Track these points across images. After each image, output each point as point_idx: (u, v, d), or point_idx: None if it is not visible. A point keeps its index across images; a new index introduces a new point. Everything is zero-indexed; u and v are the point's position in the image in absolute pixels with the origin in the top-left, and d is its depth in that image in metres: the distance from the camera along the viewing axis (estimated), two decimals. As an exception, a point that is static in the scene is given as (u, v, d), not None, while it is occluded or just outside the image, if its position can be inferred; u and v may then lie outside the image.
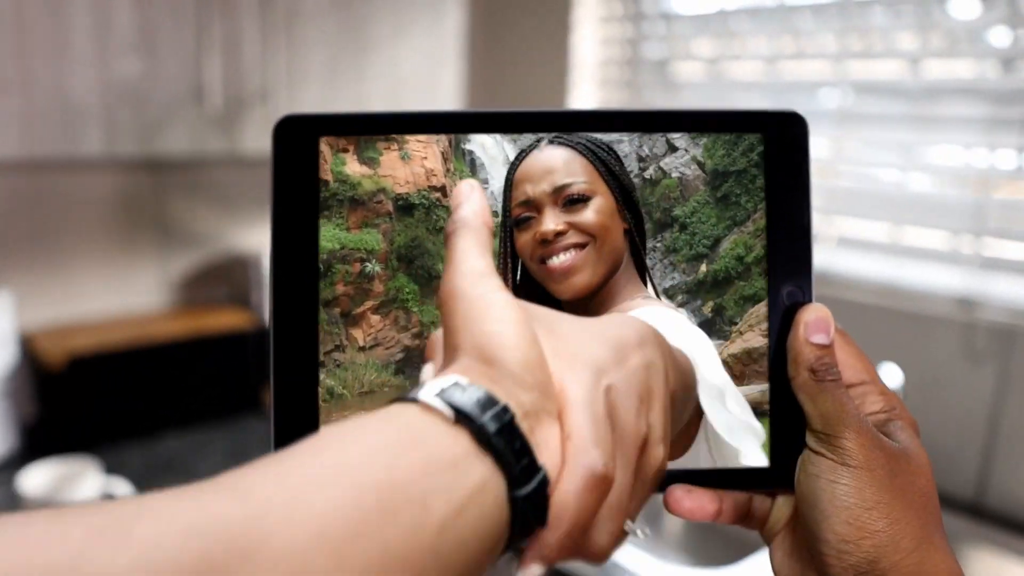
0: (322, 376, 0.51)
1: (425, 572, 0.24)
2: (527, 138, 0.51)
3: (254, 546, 0.21)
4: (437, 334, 0.35)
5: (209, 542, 0.20)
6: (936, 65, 1.39)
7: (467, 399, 0.27)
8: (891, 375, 1.20)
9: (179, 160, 1.72)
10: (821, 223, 1.53)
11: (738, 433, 0.58)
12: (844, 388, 0.41)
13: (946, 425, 1.36)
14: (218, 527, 0.21)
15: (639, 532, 0.32)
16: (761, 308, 0.60)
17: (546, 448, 0.29)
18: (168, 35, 1.40)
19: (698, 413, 0.47)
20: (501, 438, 0.27)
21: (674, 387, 0.37)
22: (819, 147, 1.53)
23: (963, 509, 1.34)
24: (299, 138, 0.44)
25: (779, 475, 0.43)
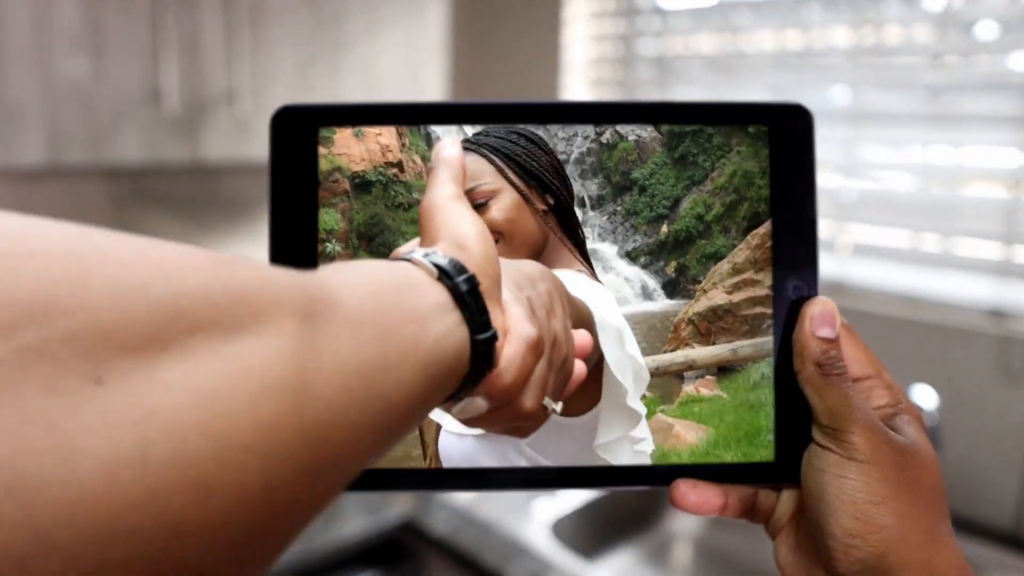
0: None
1: (422, 370, 0.32)
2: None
3: (333, 298, 0.29)
4: (399, 251, 0.44)
5: (300, 279, 0.28)
6: (958, 60, 1.32)
7: (447, 264, 0.36)
8: (924, 397, 1.17)
9: (134, 168, 1.62)
10: (835, 230, 1.46)
11: (628, 373, 0.69)
12: (850, 382, 0.42)
13: (982, 449, 1.28)
14: (303, 273, 0.29)
15: (555, 408, 0.40)
16: (723, 265, 0.61)
17: (495, 318, 0.37)
18: (119, 31, 1.33)
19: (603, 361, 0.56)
20: (469, 296, 0.36)
21: (571, 315, 0.45)
22: (831, 148, 1.46)
23: (1001, 540, 1.26)
24: (297, 129, 0.45)
25: (785, 470, 0.44)
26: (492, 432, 0.41)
